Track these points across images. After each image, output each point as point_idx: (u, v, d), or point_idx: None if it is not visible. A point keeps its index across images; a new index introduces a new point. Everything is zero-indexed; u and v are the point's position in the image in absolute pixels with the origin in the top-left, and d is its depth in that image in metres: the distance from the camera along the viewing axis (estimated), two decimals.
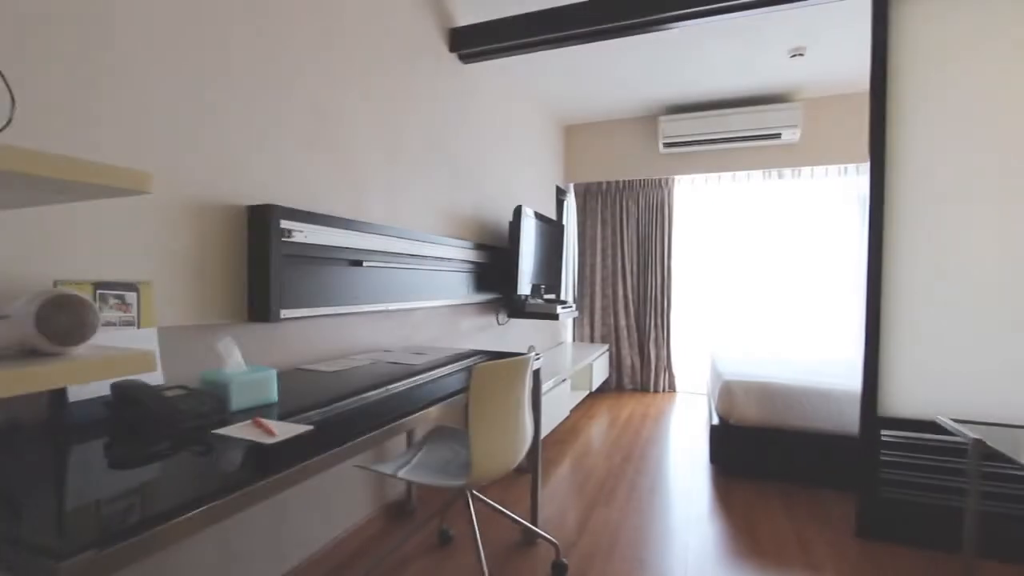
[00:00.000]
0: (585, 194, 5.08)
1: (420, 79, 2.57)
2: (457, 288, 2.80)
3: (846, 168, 4.28)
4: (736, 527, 2.26)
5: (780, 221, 4.62)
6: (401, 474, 1.65)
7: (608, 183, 4.97)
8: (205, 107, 1.47)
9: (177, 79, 1.40)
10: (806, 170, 4.42)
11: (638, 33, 2.57)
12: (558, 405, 3.42)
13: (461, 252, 2.79)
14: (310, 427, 1.04)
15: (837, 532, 2.21)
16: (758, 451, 2.76)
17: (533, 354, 1.68)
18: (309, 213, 1.74)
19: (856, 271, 4.31)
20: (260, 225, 1.56)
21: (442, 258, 2.60)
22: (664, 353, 4.86)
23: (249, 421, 1.06)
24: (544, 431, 3.18)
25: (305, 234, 1.70)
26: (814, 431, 2.66)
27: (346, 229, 1.91)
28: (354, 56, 2.10)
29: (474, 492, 1.78)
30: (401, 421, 1.20)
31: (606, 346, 4.84)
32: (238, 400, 1.17)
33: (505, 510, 1.98)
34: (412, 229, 2.46)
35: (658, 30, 2.54)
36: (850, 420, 2.57)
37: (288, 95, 1.77)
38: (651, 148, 4.72)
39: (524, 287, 3.15)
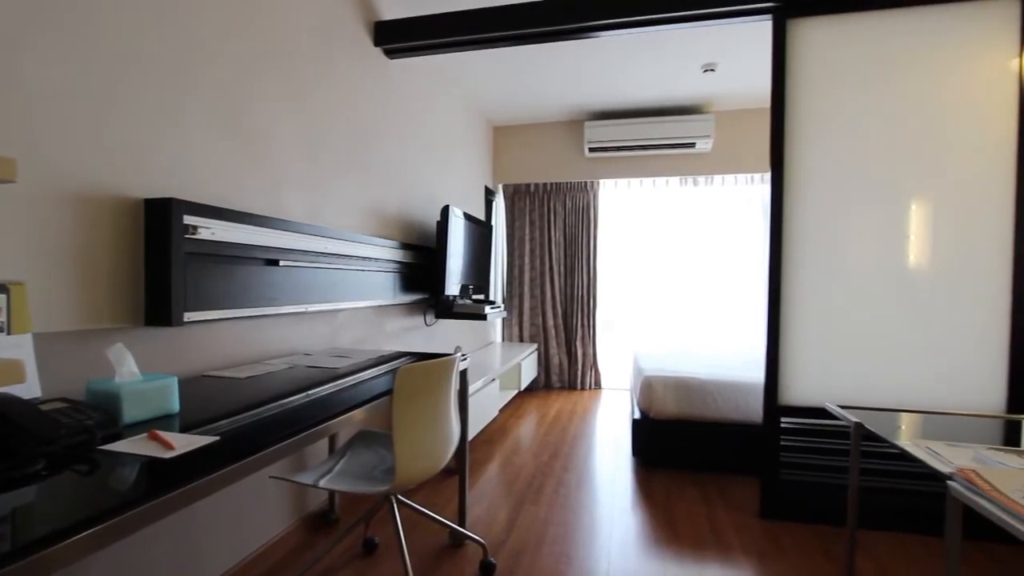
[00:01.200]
0: (514, 195, 5.13)
1: (342, 72, 2.48)
2: (383, 289, 2.73)
3: (753, 177, 4.64)
4: (656, 516, 2.37)
5: (695, 225, 4.92)
6: (323, 483, 1.58)
7: (536, 185, 5.05)
8: (93, 88, 1.33)
9: (57, 50, 1.25)
10: (718, 178, 4.73)
11: (561, 39, 2.63)
12: (487, 405, 3.42)
13: (387, 252, 2.72)
14: (215, 438, 0.96)
15: (744, 514, 2.38)
16: (676, 442, 2.91)
17: (459, 355, 1.67)
18: (218, 209, 1.62)
19: (762, 272, 4.67)
20: (160, 221, 1.43)
21: (367, 258, 2.52)
22: (590, 351, 5.01)
23: (144, 435, 0.97)
24: (473, 431, 3.17)
25: (213, 231, 1.58)
26: (725, 421, 2.85)
27: (261, 226, 1.80)
28: (270, 44, 1.98)
29: (399, 497, 1.73)
30: (317, 428, 1.14)
31: (535, 345, 4.91)
32: (131, 412, 1.06)
33: (432, 513, 1.95)
34: (335, 227, 2.36)
35: (581, 38, 2.62)
36: (756, 410, 2.77)
37: (196, 80, 1.64)
38: (577, 152, 4.85)
39: (452, 287, 3.13)
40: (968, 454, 1.06)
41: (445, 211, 2.98)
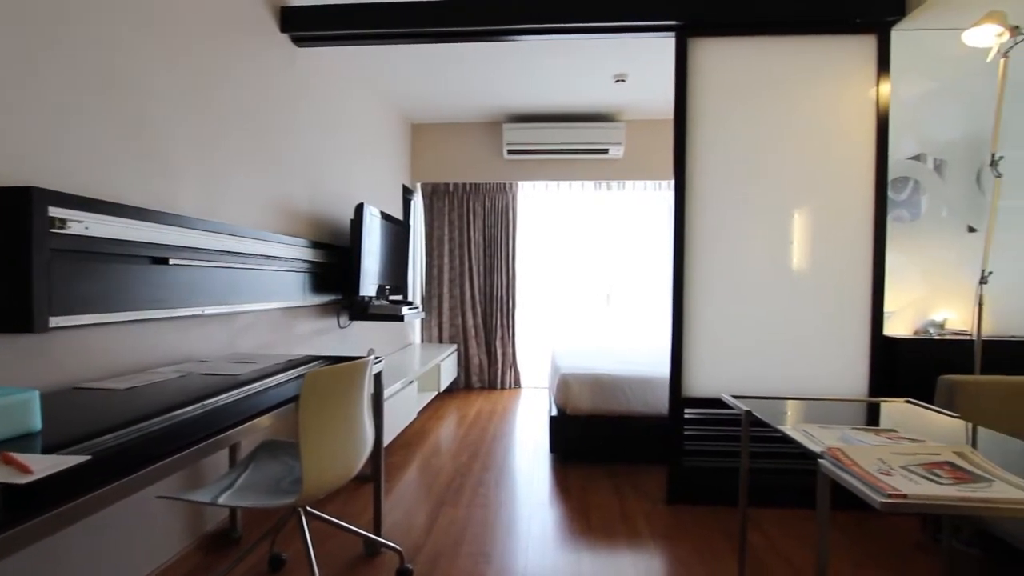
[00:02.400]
0: (432, 194, 5.07)
1: (244, 57, 2.31)
2: (292, 289, 2.58)
3: (661, 184, 4.93)
4: (572, 509, 2.44)
5: (609, 228, 5.14)
6: (222, 500, 1.46)
7: (455, 184, 5.03)
8: None
9: None
10: (629, 183, 4.98)
11: (478, 40, 2.64)
12: (404, 408, 3.35)
13: (297, 250, 2.57)
14: (85, 458, 0.85)
15: (652, 501, 2.52)
16: (591, 437, 3.02)
17: (372, 357, 1.61)
18: (93, 200, 1.44)
19: (669, 274, 4.98)
20: (15, 212, 1.25)
21: (274, 256, 2.37)
22: (510, 351, 5.07)
23: None
24: (389, 436, 3.09)
25: (87, 225, 1.40)
26: (636, 414, 3.00)
27: (147, 221, 1.63)
28: (159, 20, 1.80)
29: (308, 508, 1.65)
30: (210, 441, 1.05)
31: (454, 346, 4.89)
32: None
33: (344, 523, 1.88)
34: (237, 223, 2.20)
35: (499, 40, 2.64)
36: (664, 402, 2.94)
37: (68, 53, 1.45)
38: (496, 153, 4.89)
39: (368, 288, 3.03)
40: (837, 434, 1.20)
41: (359, 209, 2.88)
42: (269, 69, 2.50)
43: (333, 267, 3.00)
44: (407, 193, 4.84)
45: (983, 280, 2.25)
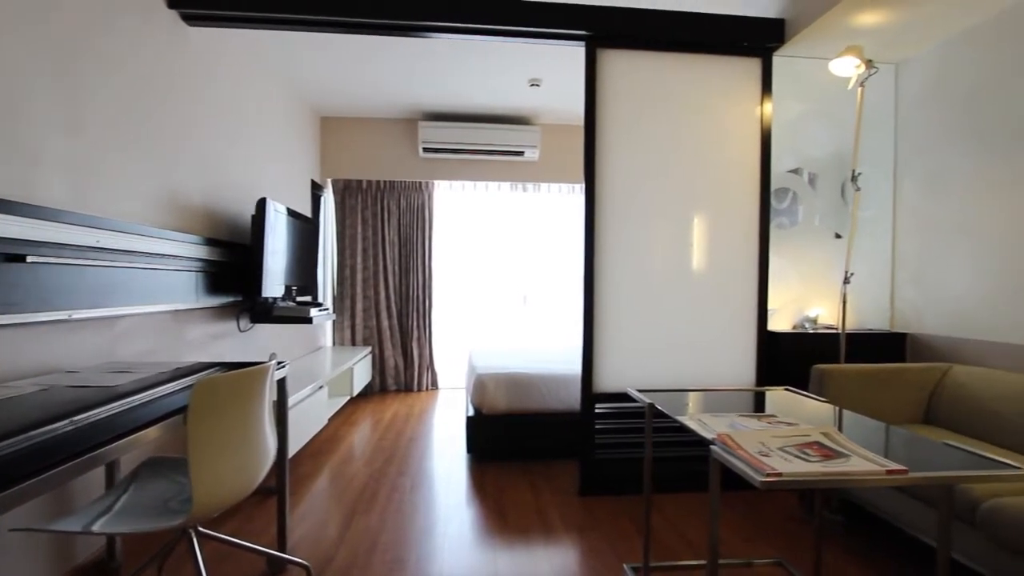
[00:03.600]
0: (344, 191, 4.87)
1: (119, 30, 2.07)
2: (182, 290, 2.36)
3: (575, 187, 5.10)
4: (489, 508, 2.45)
5: (525, 229, 5.24)
6: (97, 527, 1.29)
7: (369, 182, 4.87)
8: None
9: None
10: (545, 186, 5.10)
11: (387, 34, 2.56)
12: (314, 415, 3.19)
13: (188, 248, 2.35)
14: None
15: (565, 495, 2.60)
16: (507, 435, 3.06)
17: (274, 362, 1.52)
18: None
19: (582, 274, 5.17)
20: None
21: (159, 254, 2.15)
22: (426, 352, 5.00)
23: None
24: (297, 445, 2.93)
25: None
26: (550, 411, 3.08)
27: None
28: None
29: (200, 529, 1.51)
30: (73, 463, 0.93)
31: (368, 348, 4.73)
32: None
33: (244, 542, 1.75)
34: (112, 217, 1.96)
35: (410, 35, 2.58)
36: (577, 399, 3.05)
37: None
38: (412, 151, 4.80)
39: (272, 288, 2.84)
40: (726, 422, 1.31)
41: (262, 204, 2.69)
42: (154, 47, 2.27)
43: (233, 266, 2.78)
44: (316, 189, 4.61)
45: (846, 280, 2.57)
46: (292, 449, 2.84)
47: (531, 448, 3.09)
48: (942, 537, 1.18)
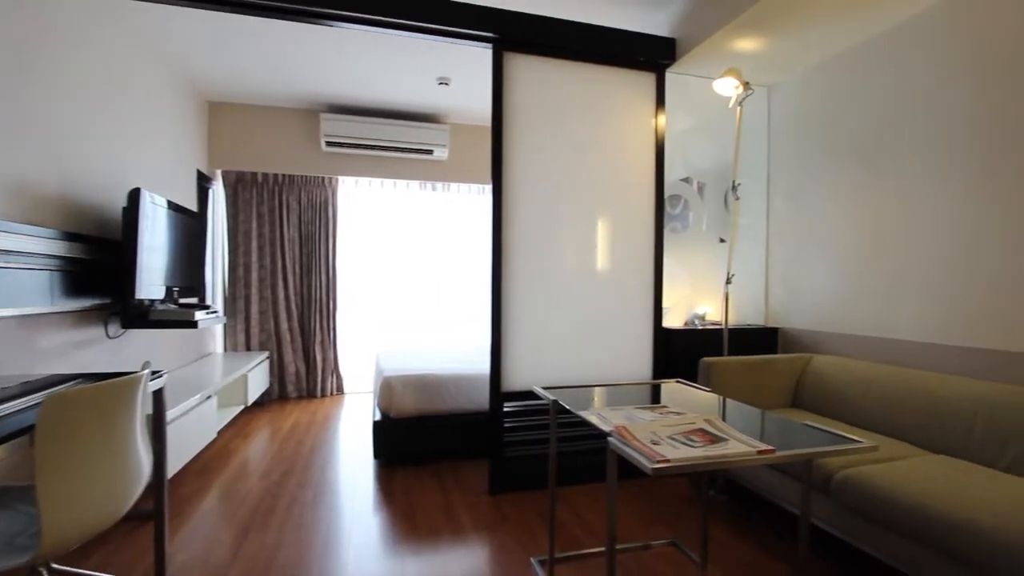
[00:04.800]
0: (237, 184, 4.51)
1: None
2: (33, 292, 2.04)
3: (484, 188, 5.12)
4: (397, 513, 2.39)
5: (434, 228, 5.17)
6: None
7: (265, 175, 4.55)
8: None
9: None
10: (455, 185, 5.08)
11: (278, 17, 2.39)
12: (200, 427, 2.92)
13: (37, 243, 2.04)
14: None
15: (475, 494, 2.60)
16: (416, 438, 3.00)
17: (147, 371, 1.36)
18: None
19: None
20: None
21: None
22: (331, 356, 4.77)
23: None
24: (180, 462, 2.66)
25: None
26: (460, 412, 3.07)
27: None
28: None
29: (54, 565, 1.32)
30: None
31: (266, 353, 4.41)
32: None
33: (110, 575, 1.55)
34: None
35: (307, 21, 2.43)
36: (487, 398, 3.07)
37: None
38: (313, 144, 4.55)
39: (149, 290, 2.56)
40: (624, 414, 1.39)
41: (135, 195, 2.41)
42: None
43: (100, 265, 2.46)
44: (204, 181, 4.21)
45: (728, 281, 2.83)
46: (173, 467, 2.58)
47: (441, 450, 3.06)
48: (803, 506, 1.33)
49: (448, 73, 3.71)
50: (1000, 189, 2.08)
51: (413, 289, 5.17)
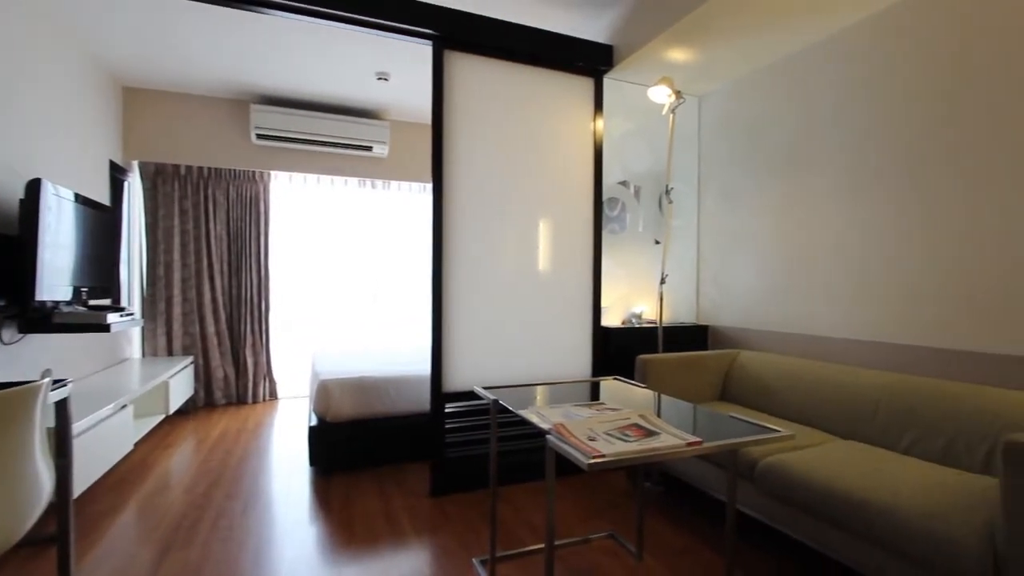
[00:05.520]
0: (157, 177, 4.20)
1: None
2: None
3: (425, 186, 5.06)
4: (334, 522, 2.31)
5: (374, 227, 5.05)
6: None
7: (189, 167, 4.26)
8: None
9: None
10: (395, 183, 4.98)
11: (207, 1, 2.26)
12: (114, 440, 2.70)
13: None
14: None
15: (416, 497, 2.56)
16: (355, 443, 2.91)
17: (48, 380, 1.24)
18: None
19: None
20: None
21: None
22: (263, 360, 4.54)
23: None
24: (89, 478, 2.44)
25: None
26: (401, 414, 3.01)
27: None
28: None
29: None
30: None
31: (190, 358, 4.14)
32: None
33: None
34: None
35: (227, 6, 2.30)
36: (427, 399, 3.03)
37: None
38: (243, 136, 4.32)
39: (53, 290, 2.33)
40: (562, 412, 1.41)
41: (34, 187, 2.19)
42: None
43: None
44: (118, 172, 3.89)
45: (663, 281, 2.94)
46: (81, 485, 2.36)
47: (382, 453, 2.99)
48: (730, 493, 1.41)
49: (388, 68, 3.63)
50: (901, 199, 2.29)
51: (351, 289, 5.02)
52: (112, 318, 2.53)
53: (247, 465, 3.01)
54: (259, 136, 4.13)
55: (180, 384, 3.79)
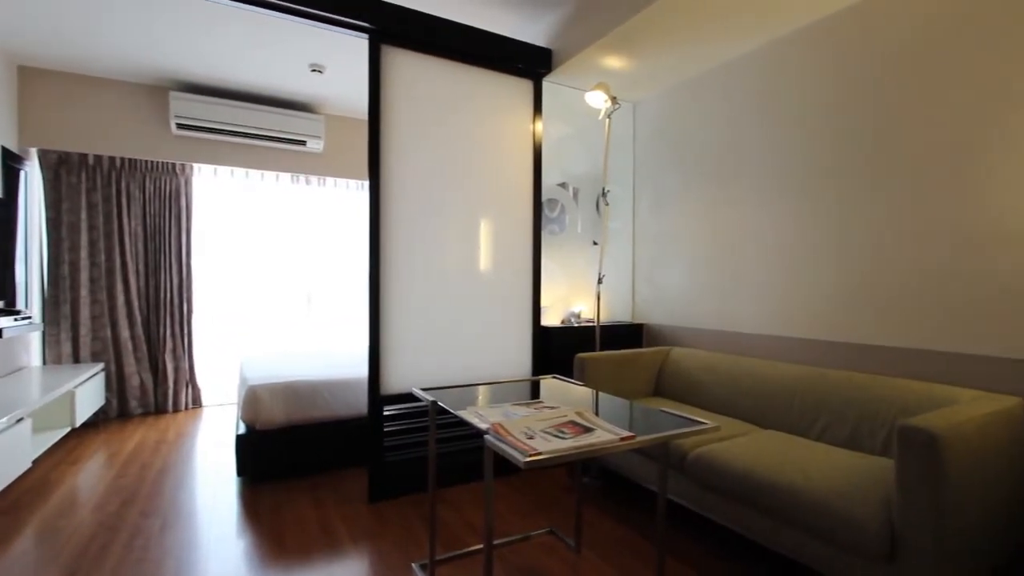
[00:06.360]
0: (61, 166, 3.82)
1: None
2: None
3: (363, 183, 4.92)
4: (263, 534, 2.20)
5: (309, 225, 4.85)
6: None
7: (99, 157, 3.91)
8: None
9: None
10: (331, 180, 4.81)
11: None
12: (8, 457, 2.44)
13: None
14: None
15: (353, 503, 2.49)
16: (287, 451, 2.79)
17: None
18: None
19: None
20: None
21: None
22: (185, 365, 4.25)
23: None
24: None
25: None
26: (337, 419, 2.91)
27: None
28: None
29: None
30: None
31: (100, 365, 3.80)
32: None
33: None
34: None
35: None
36: (364, 403, 2.95)
37: None
38: (161, 126, 4.02)
39: None
40: (501, 411, 1.42)
41: None
42: None
43: None
44: (12, 160, 3.51)
45: (600, 281, 3.03)
46: None
47: (317, 460, 2.88)
48: (661, 484, 1.48)
49: (322, 60, 3.50)
50: (816, 208, 2.48)
51: (284, 290, 4.79)
52: (5, 323, 2.28)
53: (166, 479, 2.81)
54: (180, 126, 3.86)
55: (89, 393, 3.47)
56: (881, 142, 2.20)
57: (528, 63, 2.89)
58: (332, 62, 3.53)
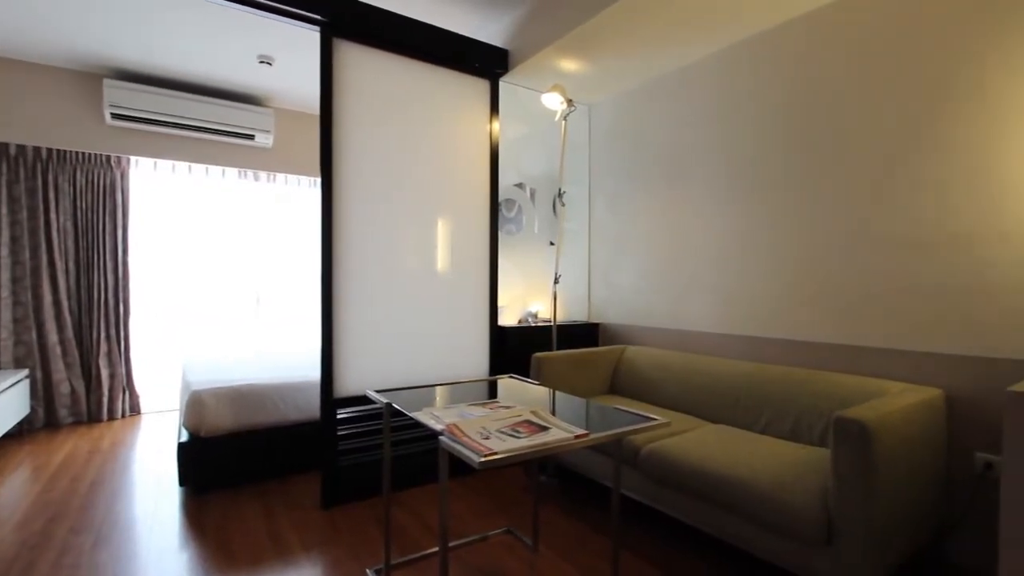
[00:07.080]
0: None
1: None
2: None
3: (315, 180, 4.78)
4: (210, 546, 2.10)
5: (257, 223, 4.66)
6: None
7: (22, 148, 3.63)
8: None
9: None
10: (281, 176, 4.64)
11: None
12: None
13: None
14: None
15: (305, 510, 2.41)
16: (235, 458, 2.67)
17: None
18: None
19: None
20: None
21: None
22: (121, 371, 4.00)
23: None
24: None
25: None
26: (288, 423, 2.81)
27: None
28: None
29: None
30: None
31: (24, 372, 3.53)
32: None
33: None
34: None
35: None
36: (317, 406, 2.86)
37: None
38: (94, 115, 3.77)
39: None
40: (456, 412, 1.41)
41: None
42: None
43: None
44: None
45: (556, 281, 3.06)
46: None
47: (267, 467, 2.77)
48: (615, 480, 1.51)
49: (271, 52, 3.38)
50: (761, 211, 2.59)
51: (230, 290, 4.59)
52: None
53: (100, 492, 2.64)
54: (114, 116, 3.63)
55: (11, 402, 3.22)
56: (818, 150, 2.33)
57: (485, 63, 2.88)
58: (282, 54, 3.41)
